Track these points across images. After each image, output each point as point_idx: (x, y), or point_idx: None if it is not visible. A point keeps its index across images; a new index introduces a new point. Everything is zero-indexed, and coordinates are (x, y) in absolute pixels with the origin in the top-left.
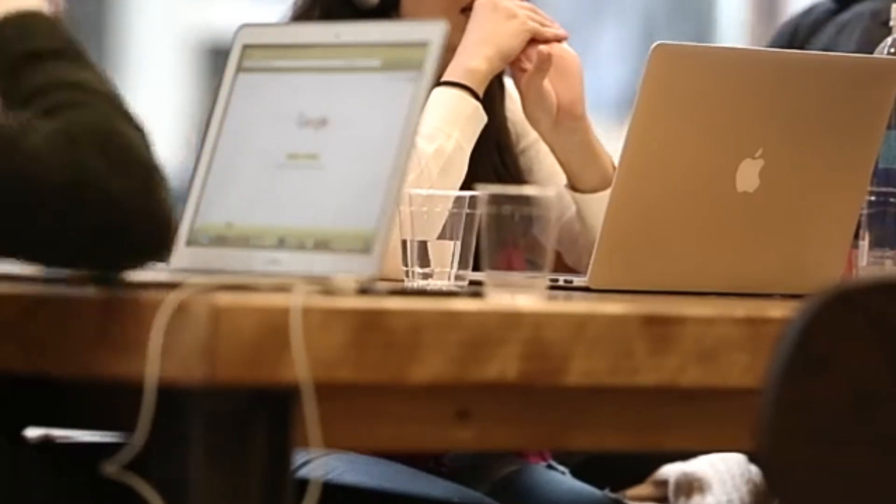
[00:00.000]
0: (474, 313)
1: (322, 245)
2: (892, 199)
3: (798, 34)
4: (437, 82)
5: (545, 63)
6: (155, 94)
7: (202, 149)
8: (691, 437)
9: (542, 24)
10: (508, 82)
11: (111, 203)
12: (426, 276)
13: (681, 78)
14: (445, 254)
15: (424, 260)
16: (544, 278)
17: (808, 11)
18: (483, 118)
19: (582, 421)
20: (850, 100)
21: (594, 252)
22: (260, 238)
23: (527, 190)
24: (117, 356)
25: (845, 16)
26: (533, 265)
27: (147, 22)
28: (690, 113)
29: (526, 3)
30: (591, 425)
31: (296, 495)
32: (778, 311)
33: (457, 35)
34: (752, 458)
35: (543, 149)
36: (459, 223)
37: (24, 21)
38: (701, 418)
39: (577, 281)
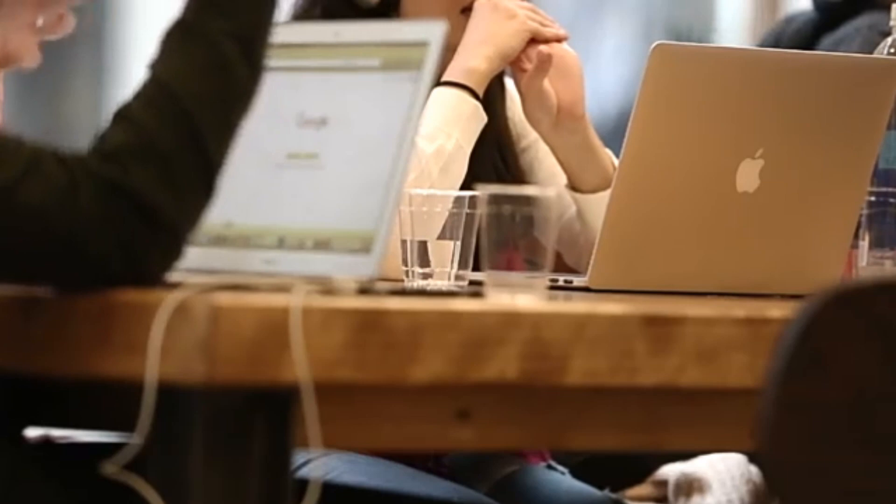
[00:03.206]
0: (474, 313)
1: (322, 245)
2: (892, 199)
3: (781, 43)
4: (437, 82)
5: (545, 63)
6: None
7: None
8: (691, 437)
9: (542, 24)
10: (509, 82)
11: (99, 271)
12: (426, 276)
13: (681, 78)
14: (445, 254)
15: (424, 260)
16: (544, 278)
17: (789, 20)
18: (483, 118)
19: (582, 421)
20: (850, 100)
21: (594, 252)
22: (260, 238)
23: (527, 190)
24: (117, 356)
25: (842, 31)
26: (533, 265)
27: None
28: (690, 113)
29: (526, 3)
30: (591, 425)
31: (296, 495)
32: (778, 311)
33: (457, 35)
34: (752, 458)
35: (544, 149)
36: (459, 223)
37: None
38: (701, 418)
39: (577, 281)
